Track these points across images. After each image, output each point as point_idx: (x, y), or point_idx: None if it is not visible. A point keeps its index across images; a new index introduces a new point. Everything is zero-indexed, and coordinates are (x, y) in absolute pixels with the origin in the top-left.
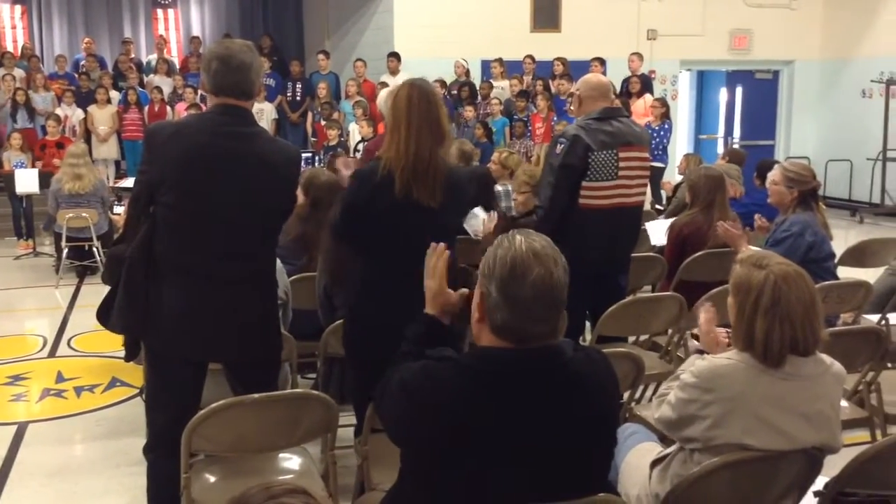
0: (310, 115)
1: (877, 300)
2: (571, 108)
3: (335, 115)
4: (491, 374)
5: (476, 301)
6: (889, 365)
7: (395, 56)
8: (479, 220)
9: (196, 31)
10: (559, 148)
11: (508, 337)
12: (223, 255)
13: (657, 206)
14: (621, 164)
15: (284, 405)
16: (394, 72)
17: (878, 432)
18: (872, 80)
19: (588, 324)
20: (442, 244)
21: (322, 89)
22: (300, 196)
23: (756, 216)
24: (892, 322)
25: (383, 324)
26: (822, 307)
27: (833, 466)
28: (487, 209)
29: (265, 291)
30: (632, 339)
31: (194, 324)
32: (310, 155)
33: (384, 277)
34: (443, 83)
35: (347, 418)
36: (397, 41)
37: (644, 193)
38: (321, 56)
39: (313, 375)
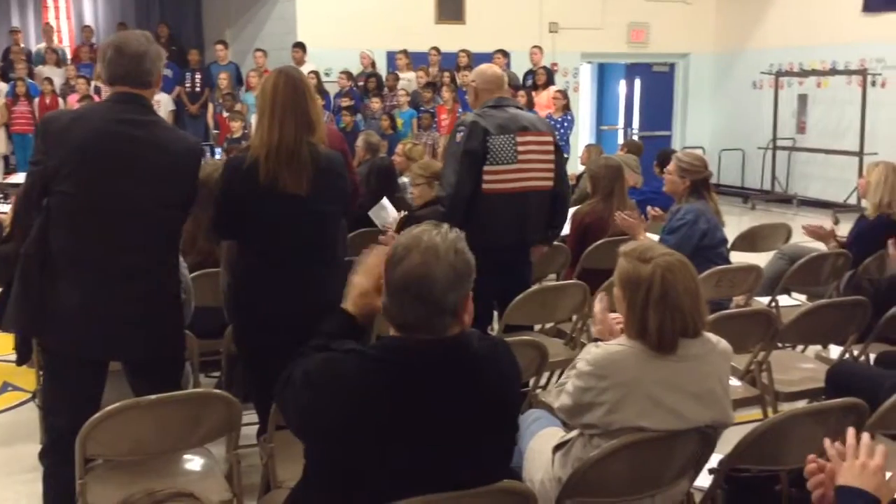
0: (210, 106)
1: (767, 283)
2: (467, 98)
3: (238, 107)
4: (394, 365)
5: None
6: (779, 345)
7: (300, 46)
8: (388, 212)
9: (88, 21)
10: (459, 136)
11: (390, 322)
12: (123, 247)
13: None
14: (520, 148)
15: (184, 405)
16: (299, 62)
17: (769, 409)
18: (762, 72)
19: (496, 313)
20: (385, 238)
21: (223, 80)
22: None
23: (648, 207)
24: (781, 304)
25: (264, 313)
26: (704, 289)
27: (728, 444)
28: (392, 202)
29: (167, 286)
30: (538, 326)
31: (93, 320)
32: (207, 147)
33: (261, 266)
34: (349, 74)
35: (252, 416)
36: (300, 31)
37: (550, 178)
38: (219, 46)
39: (218, 374)
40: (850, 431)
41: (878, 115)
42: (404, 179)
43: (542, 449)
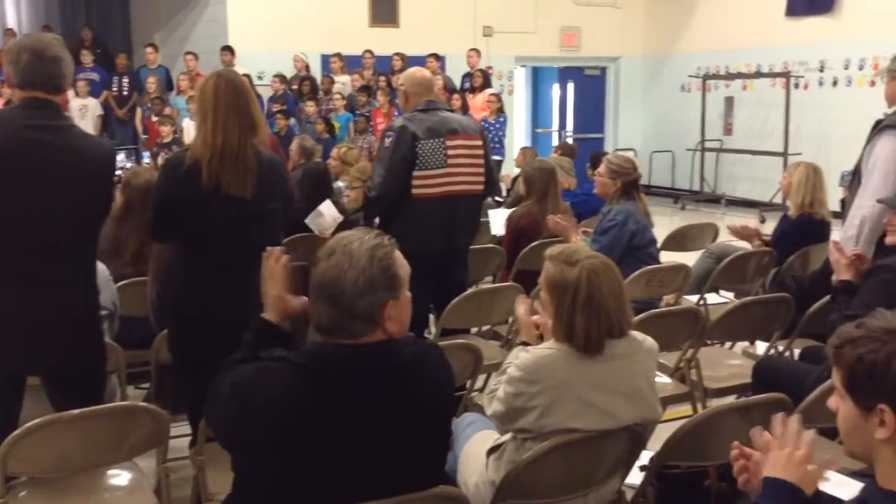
0: (139, 110)
1: (695, 281)
2: (397, 101)
3: (167, 111)
4: (323, 372)
5: None
6: (708, 342)
7: (228, 50)
8: (324, 217)
9: (11, 23)
10: (388, 141)
11: (312, 323)
12: (37, 256)
13: (497, 198)
14: (449, 152)
15: (109, 419)
16: (228, 66)
17: (699, 405)
18: (690, 75)
19: (433, 316)
20: (278, 248)
21: (151, 84)
22: (117, 196)
23: (582, 230)
24: (709, 302)
25: (209, 319)
26: (635, 288)
27: (660, 441)
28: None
29: (85, 296)
30: (474, 329)
31: (8, 333)
32: (134, 151)
33: (206, 271)
34: (283, 78)
35: (185, 428)
36: (231, 34)
37: (479, 182)
38: (149, 49)
39: (147, 385)
40: (777, 419)
41: (801, 117)
42: (340, 184)
43: (476, 452)
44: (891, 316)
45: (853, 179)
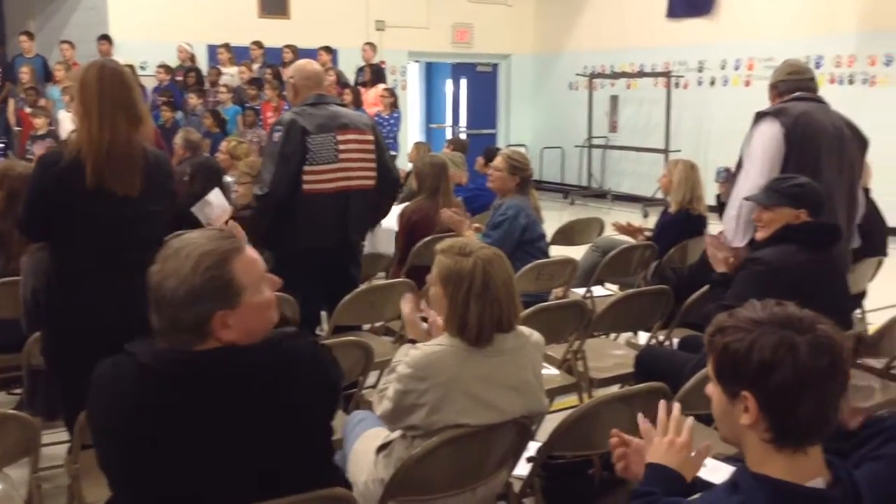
0: (11, 101)
1: (582, 275)
2: (285, 93)
3: (42, 102)
4: (161, 373)
5: None
6: (594, 334)
7: (106, 39)
8: (212, 207)
9: None
10: (276, 136)
11: None
12: None
13: None
14: (340, 147)
15: None
16: (105, 55)
17: (585, 396)
18: (578, 74)
19: (325, 314)
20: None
21: (25, 74)
22: None
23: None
24: (595, 294)
25: (85, 323)
26: (526, 282)
27: (548, 432)
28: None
29: None
30: (367, 325)
31: None
32: (1, 146)
33: (82, 270)
34: (167, 68)
35: (60, 435)
36: (112, 22)
37: (370, 178)
38: (24, 38)
39: (20, 391)
40: (662, 406)
41: (681, 115)
42: (229, 178)
43: (365, 450)
44: (760, 307)
45: (733, 172)
